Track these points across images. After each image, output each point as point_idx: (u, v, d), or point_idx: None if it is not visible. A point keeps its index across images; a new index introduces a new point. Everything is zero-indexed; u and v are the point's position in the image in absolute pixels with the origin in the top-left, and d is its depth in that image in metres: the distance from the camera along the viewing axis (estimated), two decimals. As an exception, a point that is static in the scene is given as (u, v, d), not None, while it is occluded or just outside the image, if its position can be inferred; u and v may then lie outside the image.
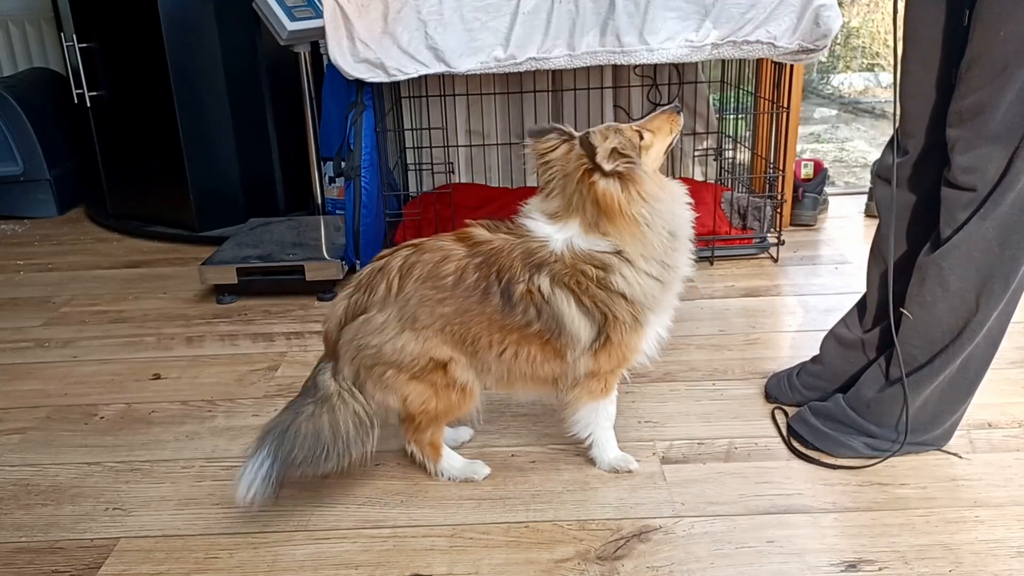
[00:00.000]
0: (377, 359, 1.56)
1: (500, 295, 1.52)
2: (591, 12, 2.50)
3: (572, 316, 1.52)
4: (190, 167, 3.28)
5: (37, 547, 1.56)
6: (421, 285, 1.53)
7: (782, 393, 1.91)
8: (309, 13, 2.87)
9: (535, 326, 1.53)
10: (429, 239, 1.62)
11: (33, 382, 2.23)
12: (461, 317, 1.54)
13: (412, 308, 1.54)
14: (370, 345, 1.55)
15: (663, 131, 1.59)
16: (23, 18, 4.15)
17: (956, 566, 1.41)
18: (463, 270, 1.53)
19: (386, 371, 1.57)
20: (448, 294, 1.53)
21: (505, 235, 1.57)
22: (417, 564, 1.47)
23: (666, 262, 1.53)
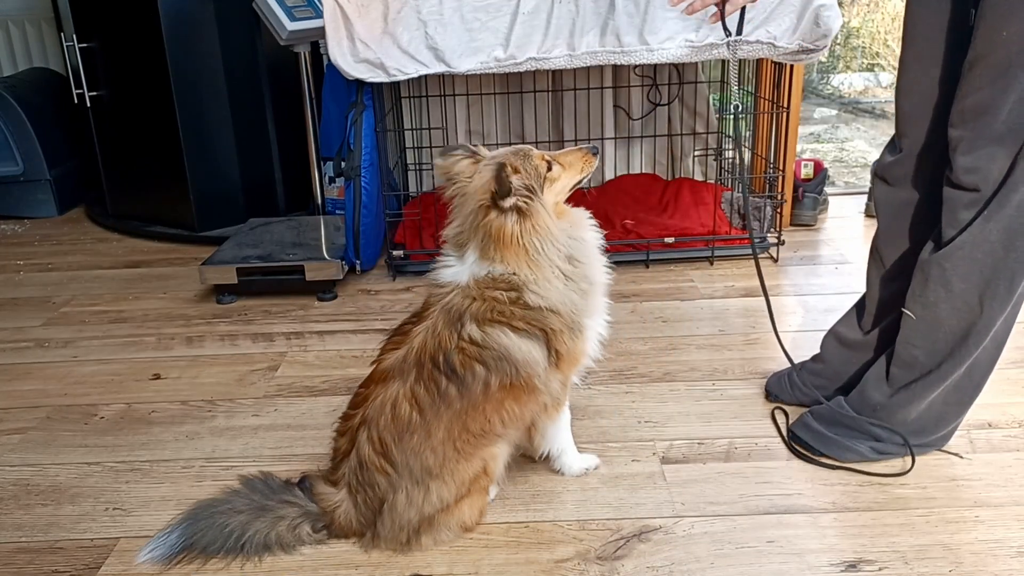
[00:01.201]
0: (421, 522, 1.50)
1: (450, 383, 1.47)
2: (591, 12, 2.50)
3: (517, 346, 1.49)
4: (190, 167, 3.28)
5: (37, 547, 1.57)
6: (403, 443, 1.47)
7: (783, 391, 1.91)
8: (309, 13, 2.87)
9: (493, 381, 1.47)
10: (360, 407, 1.53)
11: (33, 382, 2.23)
12: (452, 426, 1.48)
13: (417, 466, 1.47)
14: (412, 520, 1.49)
15: (574, 167, 1.59)
16: (23, 18, 4.15)
17: (956, 566, 1.41)
18: (414, 397, 1.47)
19: (435, 519, 1.50)
20: (424, 428, 1.47)
21: (421, 323, 1.53)
22: (417, 564, 1.47)
23: (571, 279, 1.52)
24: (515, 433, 1.57)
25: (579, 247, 1.55)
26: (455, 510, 1.52)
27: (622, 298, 2.60)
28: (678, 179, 3.34)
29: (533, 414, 1.57)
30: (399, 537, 1.50)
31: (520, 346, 1.49)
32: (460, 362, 1.46)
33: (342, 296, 2.69)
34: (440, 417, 1.47)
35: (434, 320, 1.50)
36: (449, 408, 1.47)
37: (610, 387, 2.05)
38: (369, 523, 1.51)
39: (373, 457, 1.48)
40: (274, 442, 1.87)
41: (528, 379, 1.50)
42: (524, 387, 1.51)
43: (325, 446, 1.83)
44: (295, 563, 1.49)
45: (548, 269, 1.50)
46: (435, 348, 1.48)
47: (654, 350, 2.22)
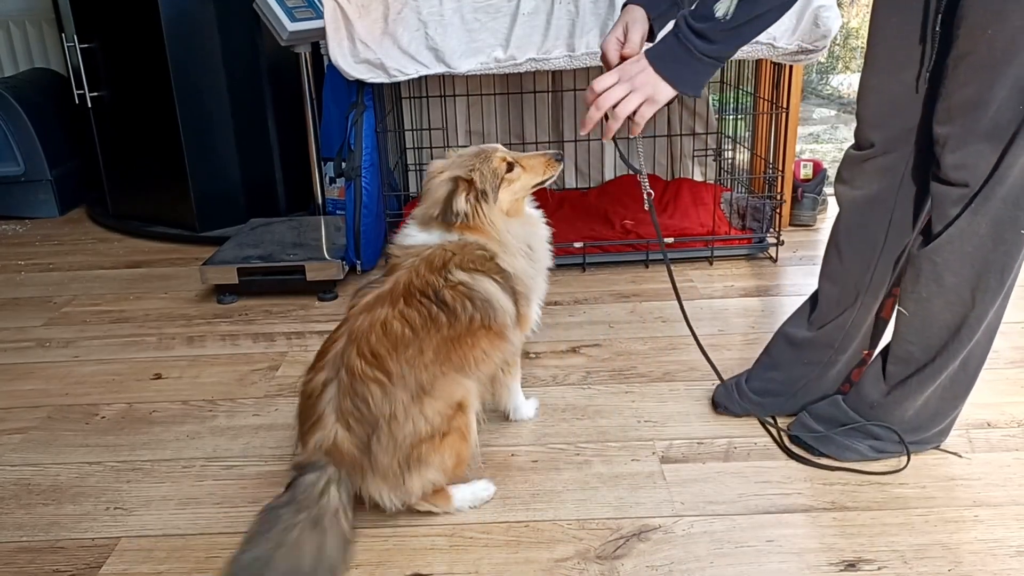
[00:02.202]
0: (414, 446, 1.50)
1: (441, 310, 1.55)
2: (591, 13, 2.51)
3: (496, 292, 1.63)
4: (191, 167, 3.28)
5: (38, 547, 1.57)
6: (398, 353, 1.51)
7: (732, 403, 1.88)
8: (310, 14, 2.87)
9: (477, 317, 1.59)
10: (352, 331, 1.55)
11: (34, 382, 2.23)
12: (439, 352, 1.54)
13: (412, 378, 1.51)
14: (408, 437, 1.50)
15: (536, 171, 1.71)
16: (24, 18, 4.16)
17: (955, 565, 1.41)
18: (405, 318, 1.53)
19: (422, 448, 1.51)
20: (416, 344, 1.52)
21: (395, 273, 1.62)
22: (417, 563, 1.48)
23: (529, 258, 1.70)
24: (484, 377, 1.66)
25: (533, 238, 1.74)
26: (441, 446, 1.53)
27: (622, 298, 2.60)
28: (678, 179, 3.34)
29: (498, 364, 1.70)
30: (393, 464, 1.49)
31: (500, 295, 1.63)
32: (451, 296, 1.57)
33: (343, 296, 2.70)
34: (431, 337, 1.54)
35: (416, 266, 1.60)
36: (439, 332, 1.55)
37: (610, 387, 2.05)
38: (364, 447, 1.48)
39: (366, 369, 1.49)
40: (275, 441, 1.88)
41: (502, 327, 1.64)
42: (498, 334, 1.64)
43: (325, 446, 1.84)
44: (296, 562, 1.49)
45: (513, 246, 1.67)
46: (423, 285, 1.57)
47: (654, 350, 2.22)
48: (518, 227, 1.70)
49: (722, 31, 1.43)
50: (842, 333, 1.76)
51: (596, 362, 2.19)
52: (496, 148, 1.70)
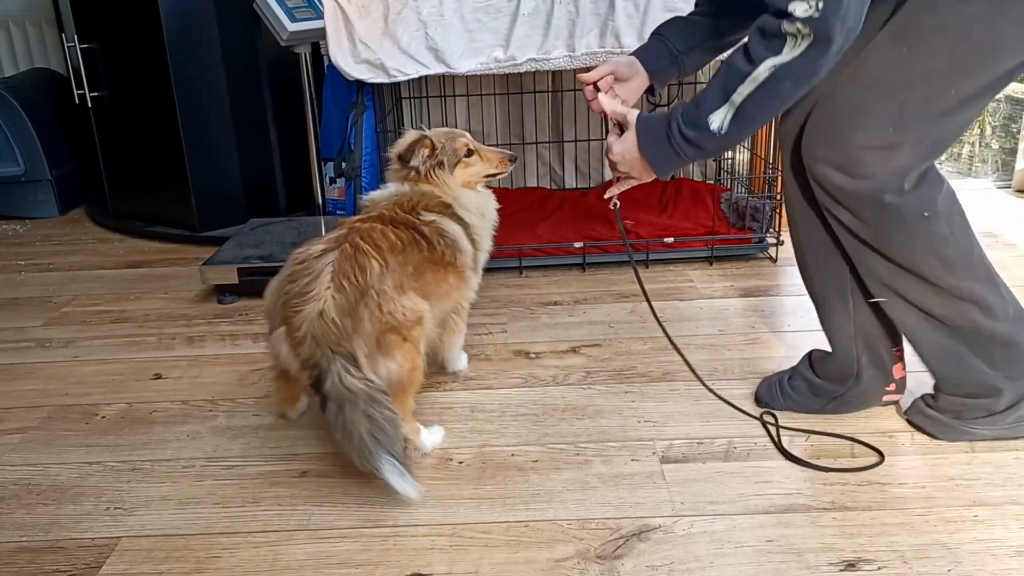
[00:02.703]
0: (388, 326, 1.67)
1: (422, 239, 1.79)
2: (591, 13, 2.51)
3: (461, 234, 1.87)
4: (191, 167, 3.29)
5: (38, 547, 1.57)
6: (393, 255, 1.73)
7: (774, 399, 1.90)
8: (310, 14, 2.87)
9: (448, 253, 1.83)
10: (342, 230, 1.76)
11: (34, 382, 2.23)
12: (418, 268, 1.77)
13: (398, 275, 1.72)
14: (388, 312, 1.67)
15: (490, 162, 1.97)
16: (24, 19, 4.16)
17: (955, 565, 1.41)
18: (398, 235, 1.76)
19: (390, 336, 1.68)
20: (406, 255, 1.75)
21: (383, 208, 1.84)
22: (417, 563, 1.48)
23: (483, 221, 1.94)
24: (438, 312, 1.84)
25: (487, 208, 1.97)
26: (403, 346, 1.69)
27: (622, 298, 2.60)
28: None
29: (454, 303, 1.92)
30: (373, 333, 1.64)
31: (464, 239, 1.87)
32: (428, 231, 1.80)
33: (342, 296, 2.69)
34: (414, 255, 1.76)
35: (390, 207, 1.83)
36: (420, 253, 1.78)
37: (610, 387, 2.05)
38: (352, 310, 1.61)
39: (368, 248, 1.68)
40: (275, 441, 1.88)
41: (462, 269, 1.87)
42: (460, 274, 1.87)
43: (326, 445, 1.84)
44: (296, 561, 1.49)
45: (468, 204, 1.91)
46: (404, 219, 1.80)
47: (654, 350, 2.22)
48: (472, 195, 1.94)
49: (712, 142, 1.47)
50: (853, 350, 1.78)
51: (596, 362, 2.19)
52: (464, 134, 1.95)
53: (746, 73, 1.39)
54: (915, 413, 1.80)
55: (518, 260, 2.82)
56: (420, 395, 2.05)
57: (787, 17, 1.33)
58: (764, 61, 1.38)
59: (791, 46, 1.36)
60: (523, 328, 2.41)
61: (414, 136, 1.91)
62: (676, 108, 1.51)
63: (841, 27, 1.33)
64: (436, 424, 1.88)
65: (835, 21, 1.31)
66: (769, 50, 1.37)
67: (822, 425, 1.82)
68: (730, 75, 1.42)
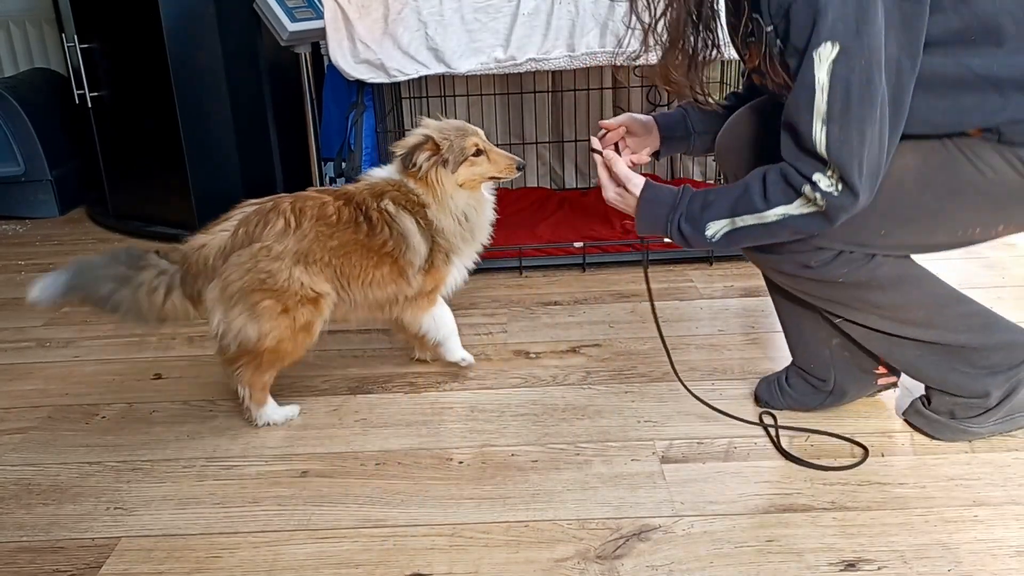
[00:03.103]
0: (262, 284, 1.77)
1: (365, 222, 1.87)
2: (591, 13, 2.51)
3: (414, 231, 1.90)
4: (191, 167, 3.28)
5: (38, 547, 1.57)
6: (315, 223, 1.82)
7: (773, 398, 1.90)
8: (310, 14, 2.87)
9: (389, 244, 1.88)
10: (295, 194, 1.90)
11: (34, 382, 2.23)
12: (344, 248, 1.85)
13: (308, 243, 1.81)
14: (264, 271, 1.77)
15: (497, 164, 1.97)
16: (24, 19, 4.16)
17: (955, 565, 1.41)
18: (339, 210, 1.86)
19: (263, 299, 1.77)
20: (335, 229, 1.84)
21: (351, 186, 1.97)
22: (417, 563, 1.48)
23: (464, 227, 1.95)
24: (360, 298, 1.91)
25: (473, 213, 1.97)
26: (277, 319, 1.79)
27: (622, 298, 2.60)
28: (677, 179, 3.34)
29: (389, 295, 1.95)
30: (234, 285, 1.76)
31: (417, 235, 1.91)
32: (376, 216, 1.88)
33: (342, 296, 2.69)
34: (344, 233, 1.85)
35: (361, 188, 1.93)
36: (353, 234, 1.86)
37: (610, 387, 2.05)
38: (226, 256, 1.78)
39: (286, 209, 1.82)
40: (275, 441, 1.88)
41: (407, 264, 1.92)
42: (401, 269, 1.92)
43: (326, 446, 1.84)
44: (296, 561, 1.49)
45: (446, 208, 1.93)
46: (360, 200, 1.89)
47: (654, 350, 2.22)
48: (463, 198, 1.95)
49: (700, 243, 1.57)
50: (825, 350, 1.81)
51: (596, 362, 2.19)
52: (476, 132, 1.97)
53: (757, 210, 1.49)
54: (912, 414, 1.80)
55: (518, 260, 2.82)
56: (420, 394, 2.05)
57: (810, 182, 1.42)
58: (777, 207, 1.47)
59: (803, 204, 1.45)
60: (523, 328, 2.41)
61: (417, 139, 1.92)
62: (684, 199, 1.58)
63: (851, 210, 1.42)
64: (435, 422, 1.89)
65: (849, 203, 1.41)
66: (785, 198, 1.46)
67: (822, 425, 1.82)
68: (743, 201, 1.50)
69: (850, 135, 1.36)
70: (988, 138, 1.47)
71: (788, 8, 1.36)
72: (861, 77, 1.34)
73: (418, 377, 2.14)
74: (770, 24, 1.41)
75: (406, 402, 2.03)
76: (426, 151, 1.90)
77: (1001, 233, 1.56)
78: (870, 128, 1.37)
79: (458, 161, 1.92)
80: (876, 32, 1.33)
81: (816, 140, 1.39)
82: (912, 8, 1.36)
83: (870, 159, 1.39)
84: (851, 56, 1.33)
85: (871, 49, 1.33)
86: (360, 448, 1.83)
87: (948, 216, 1.53)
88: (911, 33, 1.37)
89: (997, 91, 1.43)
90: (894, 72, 1.38)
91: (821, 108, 1.37)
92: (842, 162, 1.38)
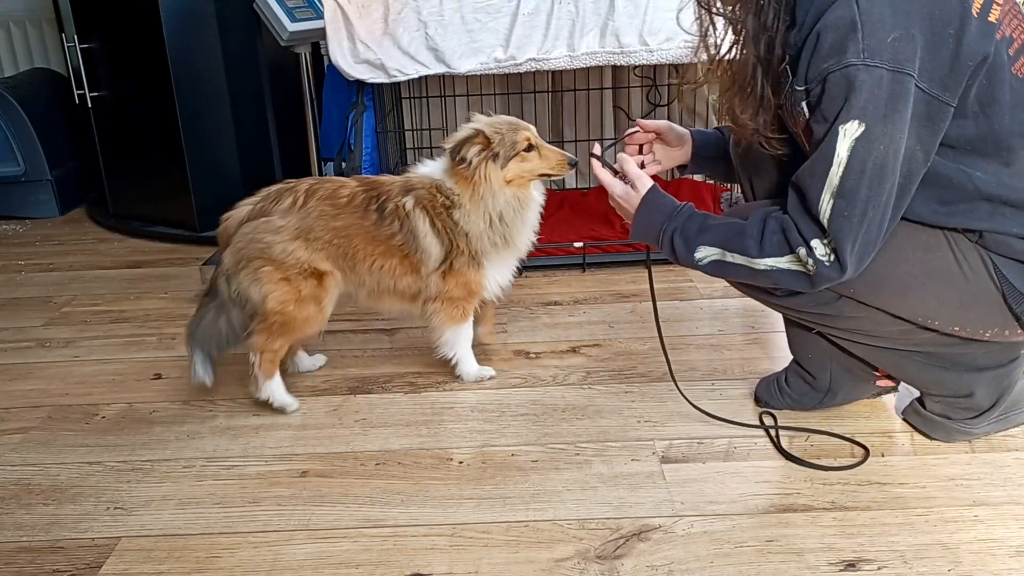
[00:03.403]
0: (262, 253, 1.89)
1: (376, 211, 1.92)
2: (591, 13, 2.51)
3: (425, 232, 1.92)
4: (191, 167, 3.28)
5: (38, 547, 1.57)
6: (321, 203, 1.91)
7: (772, 398, 1.91)
8: (310, 14, 2.87)
9: (398, 238, 1.92)
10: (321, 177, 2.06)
11: (34, 382, 2.23)
12: (347, 231, 1.91)
13: (311, 221, 1.90)
14: (263, 241, 1.89)
15: (548, 161, 1.94)
16: (24, 19, 4.16)
17: (955, 565, 1.41)
18: (354, 195, 1.93)
19: (264, 266, 1.89)
20: (340, 211, 1.91)
21: (387, 176, 2.03)
22: (417, 563, 1.48)
23: (496, 229, 1.93)
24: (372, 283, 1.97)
25: (512, 213, 1.94)
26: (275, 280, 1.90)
27: (622, 298, 2.60)
28: (678, 179, 3.34)
29: (403, 287, 1.98)
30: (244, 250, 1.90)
31: (428, 236, 1.93)
32: (391, 210, 1.92)
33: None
34: (351, 217, 1.92)
35: (396, 181, 1.99)
36: (361, 220, 1.92)
37: (610, 387, 2.05)
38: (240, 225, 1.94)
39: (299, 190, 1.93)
40: (275, 441, 1.88)
41: (418, 262, 1.95)
42: (413, 265, 1.96)
43: (326, 446, 1.84)
44: (296, 561, 1.49)
45: (480, 207, 1.90)
46: (384, 192, 1.95)
47: (654, 350, 2.22)
48: (506, 197, 1.92)
49: (687, 262, 1.61)
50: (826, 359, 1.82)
51: (596, 362, 2.19)
52: (528, 127, 1.94)
53: (749, 254, 1.52)
54: (911, 413, 1.81)
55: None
56: (420, 394, 2.05)
57: (807, 246, 1.45)
58: (768, 258, 1.51)
59: (793, 262, 1.48)
60: (523, 328, 2.41)
61: (467, 132, 1.91)
62: (683, 213, 1.61)
63: (834, 281, 1.47)
64: (435, 422, 1.89)
65: (836, 276, 1.45)
66: (778, 251, 1.49)
67: (822, 425, 1.82)
68: (739, 240, 1.53)
69: (854, 213, 1.39)
70: (970, 237, 1.50)
71: (826, 77, 1.37)
72: (877, 161, 1.37)
73: (418, 377, 2.14)
74: (803, 85, 1.42)
75: (406, 402, 2.03)
76: (476, 145, 1.88)
77: (956, 332, 1.58)
78: (873, 210, 1.40)
79: (508, 156, 1.89)
80: (901, 121, 1.36)
81: (822, 209, 1.42)
82: (939, 108, 1.38)
83: (866, 239, 1.42)
84: (873, 139, 1.36)
85: (893, 136, 1.36)
86: (360, 448, 1.83)
87: (916, 296, 1.54)
88: (932, 129, 1.40)
89: (988, 203, 1.46)
90: (907, 162, 1.40)
91: (834, 181, 1.40)
92: (840, 236, 1.41)
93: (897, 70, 1.33)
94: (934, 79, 1.36)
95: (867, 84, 1.34)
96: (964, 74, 1.37)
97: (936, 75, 1.36)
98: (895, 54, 1.33)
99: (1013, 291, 1.48)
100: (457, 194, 1.90)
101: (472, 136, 1.89)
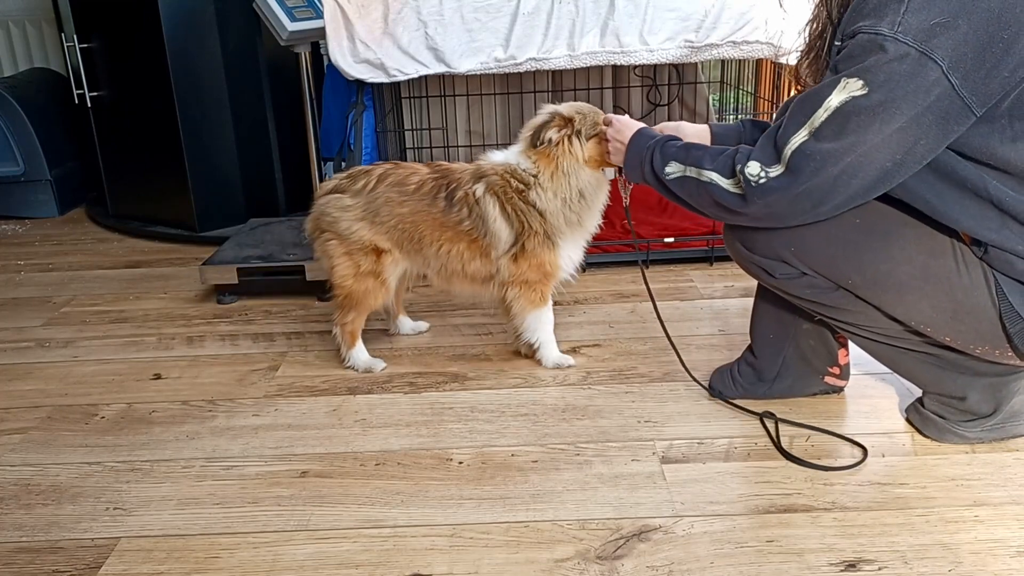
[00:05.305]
0: (330, 227, 2.05)
1: (445, 199, 2.00)
2: (591, 12, 2.50)
3: (495, 217, 1.98)
4: (191, 167, 3.28)
5: (38, 547, 1.57)
6: (389, 188, 2.01)
7: (726, 387, 1.94)
8: (309, 14, 2.87)
9: (466, 224, 1.99)
10: (399, 162, 2.11)
11: (34, 382, 2.23)
12: (413, 217, 2.00)
13: (377, 205, 2.01)
14: (331, 215, 2.04)
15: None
16: (24, 18, 4.16)
17: (956, 565, 1.41)
18: (424, 182, 2.02)
19: (331, 239, 2.06)
20: (407, 198, 2.00)
21: (461, 164, 2.10)
22: (417, 564, 1.48)
23: (572, 207, 1.98)
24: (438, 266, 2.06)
25: (591, 191, 1.99)
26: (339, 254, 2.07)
27: (622, 298, 2.60)
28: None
29: (473, 271, 2.06)
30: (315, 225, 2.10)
31: (498, 220, 1.99)
32: (459, 197, 2.00)
33: (342, 296, 2.69)
34: (418, 203, 2.00)
35: (467, 168, 2.06)
36: (428, 207, 2.00)
37: (610, 387, 2.05)
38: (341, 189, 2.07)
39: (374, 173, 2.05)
40: (274, 442, 1.88)
41: (488, 247, 2.02)
42: (482, 250, 2.03)
43: (326, 446, 1.84)
44: (296, 562, 1.49)
45: (561, 182, 1.96)
46: (455, 179, 2.02)
47: (654, 350, 2.22)
48: (587, 175, 1.98)
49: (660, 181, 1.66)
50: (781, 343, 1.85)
51: (596, 362, 2.19)
52: (600, 112, 1.98)
53: (701, 165, 1.58)
54: (912, 411, 1.82)
55: (518, 260, 2.82)
56: (420, 394, 2.05)
57: (746, 163, 1.48)
58: (714, 172, 1.55)
59: (732, 183, 1.53)
60: (523, 328, 2.41)
61: (544, 117, 1.97)
62: (667, 137, 1.72)
63: (759, 205, 1.48)
64: (435, 422, 1.89)
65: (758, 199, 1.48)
66: (726, 169, 1.53)
67: (822, 425, 1.82)
68: (698, 153, 1.60)
69: (816, 158, 1.40)
70: (975, 252, 1.50)
71: (855, 35, 1.37)
72: (860, 123, 1.36)
73: (418, 377, 2.14)
74: (839, 41, 1.42)
75: (406, 402, 2.03)
76: (555, 126, 1.94)
77: (947, 343, 1.58)
78: (833, 167, 1.39)
79: (590, 134, 1.95)
80: (909, 104, 1.34)
81: (791, 140, 1.42)
82: (961, 109, 1.35)
83: (812, 190, 1.42)
84: (869, 104, 1.35)
85: (893, 114, 1.34)
86: (360, 448, 1.83)
87: (912, 298, 1.54)
88: (943, 128, 1.37)
89: (999, 214, 1.44)
90: (904, 150, 1.38)
91: (815, 123, 1.40)
92: (795, 169, 1.42)
93: (925, 53, 1.30)
94: (968, 78, 1.32)
95: (889, 55, 1.32)
96: (1002, 82, 1.33)
97: (972, 75, 1.32)
98: (930, 37, 1.30)
99: (1010, 311, 1.48)
100: (535, 174, 1.96)
101: (549, 120, 1.95)
